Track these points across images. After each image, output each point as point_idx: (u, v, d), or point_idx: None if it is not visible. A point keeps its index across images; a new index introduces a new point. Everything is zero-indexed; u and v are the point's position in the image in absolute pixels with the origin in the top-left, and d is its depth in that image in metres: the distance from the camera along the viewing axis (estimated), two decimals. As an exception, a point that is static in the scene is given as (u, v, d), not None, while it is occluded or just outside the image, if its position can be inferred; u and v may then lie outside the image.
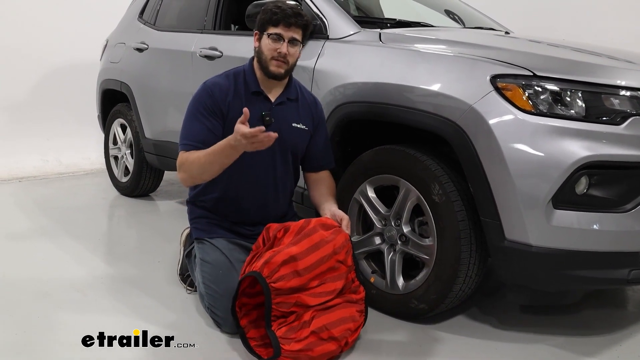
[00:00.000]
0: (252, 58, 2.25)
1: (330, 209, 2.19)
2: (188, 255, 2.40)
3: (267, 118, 2.18)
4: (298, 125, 2.26)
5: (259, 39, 2.19)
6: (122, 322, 2.16)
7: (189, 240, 2.42)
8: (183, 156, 2.14)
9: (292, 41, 2.14)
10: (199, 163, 2.07)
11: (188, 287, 2.47)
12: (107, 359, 1.94)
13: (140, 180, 4.10)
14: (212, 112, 2.15)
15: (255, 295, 2.01)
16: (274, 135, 1.91)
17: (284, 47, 2.12)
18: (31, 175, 5.01)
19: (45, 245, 3.14)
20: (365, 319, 2.04)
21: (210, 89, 2.18)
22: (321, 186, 2.32)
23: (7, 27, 5.09)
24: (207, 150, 2.05)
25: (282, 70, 2.16)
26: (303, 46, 2.27)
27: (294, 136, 2.26)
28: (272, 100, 2.23)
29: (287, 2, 2.18)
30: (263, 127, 1.89)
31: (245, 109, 1.93)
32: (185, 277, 2.51)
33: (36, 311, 2.28)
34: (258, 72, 2.21)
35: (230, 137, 1.96)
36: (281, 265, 1.88)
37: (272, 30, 2.13)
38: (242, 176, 2.22)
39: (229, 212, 2.29)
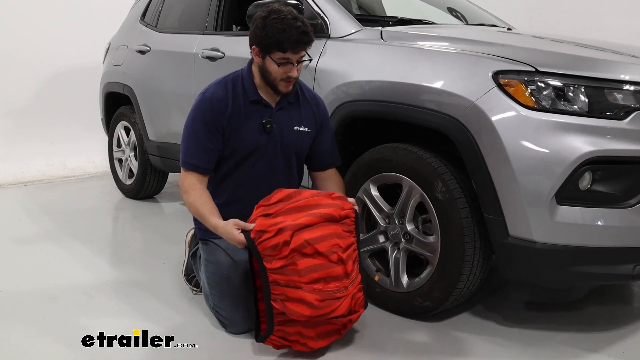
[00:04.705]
0: (250, 62, 2.18)
1: None
2: (193, 256, 2.41)
3: (268, 126, 2.16)
4: (300, 128, 2.24)
5: (262, 57, 2.07)
6: (128, 323, 2.17)
7: (194, 241, 2.43)
8: (186, 179, 2.13)
9: (299, 59, 2.07)
10: (195, 211, 2.10)
11: (193, 288, 2.48)
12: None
13: (144, 182, 4.11)
14: (212, 127, 2.10)
15: None
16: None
17: (294, 72, 2.06)
18: (36, 179, 5.03)
19: (51, 248, 3.15)
20: (358, 239, 1.99)
21: (209, 102, 2.11)
22: (329, 184, 2.31)
23: (9, 32, 5.11)
24: (202, 210, 2.06)
25: (291, 87, 2.13)
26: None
27: (297, 140, 2.24)
28: (273, 105, 2.19)
29: (287, 7, 2.06)
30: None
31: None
32: (191, 278, 2.51)
33: (43, 314, 2.29)
34: (258, 80, 2.15)
35: (222, 228, 1.99)
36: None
37: (280, 55, 2.02)
38: (247, 183, 2.21)
39: (234, 216, 2.28)
